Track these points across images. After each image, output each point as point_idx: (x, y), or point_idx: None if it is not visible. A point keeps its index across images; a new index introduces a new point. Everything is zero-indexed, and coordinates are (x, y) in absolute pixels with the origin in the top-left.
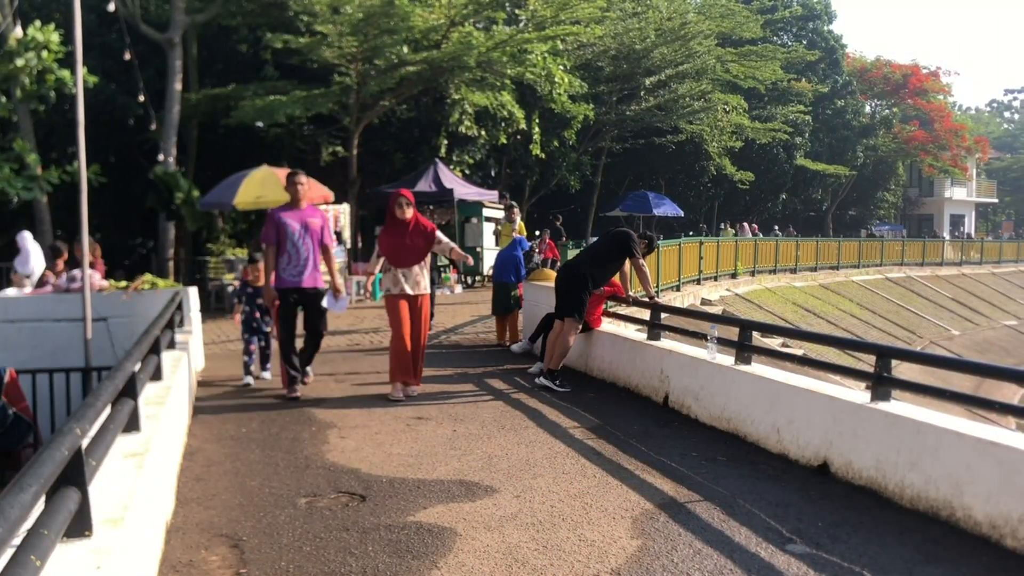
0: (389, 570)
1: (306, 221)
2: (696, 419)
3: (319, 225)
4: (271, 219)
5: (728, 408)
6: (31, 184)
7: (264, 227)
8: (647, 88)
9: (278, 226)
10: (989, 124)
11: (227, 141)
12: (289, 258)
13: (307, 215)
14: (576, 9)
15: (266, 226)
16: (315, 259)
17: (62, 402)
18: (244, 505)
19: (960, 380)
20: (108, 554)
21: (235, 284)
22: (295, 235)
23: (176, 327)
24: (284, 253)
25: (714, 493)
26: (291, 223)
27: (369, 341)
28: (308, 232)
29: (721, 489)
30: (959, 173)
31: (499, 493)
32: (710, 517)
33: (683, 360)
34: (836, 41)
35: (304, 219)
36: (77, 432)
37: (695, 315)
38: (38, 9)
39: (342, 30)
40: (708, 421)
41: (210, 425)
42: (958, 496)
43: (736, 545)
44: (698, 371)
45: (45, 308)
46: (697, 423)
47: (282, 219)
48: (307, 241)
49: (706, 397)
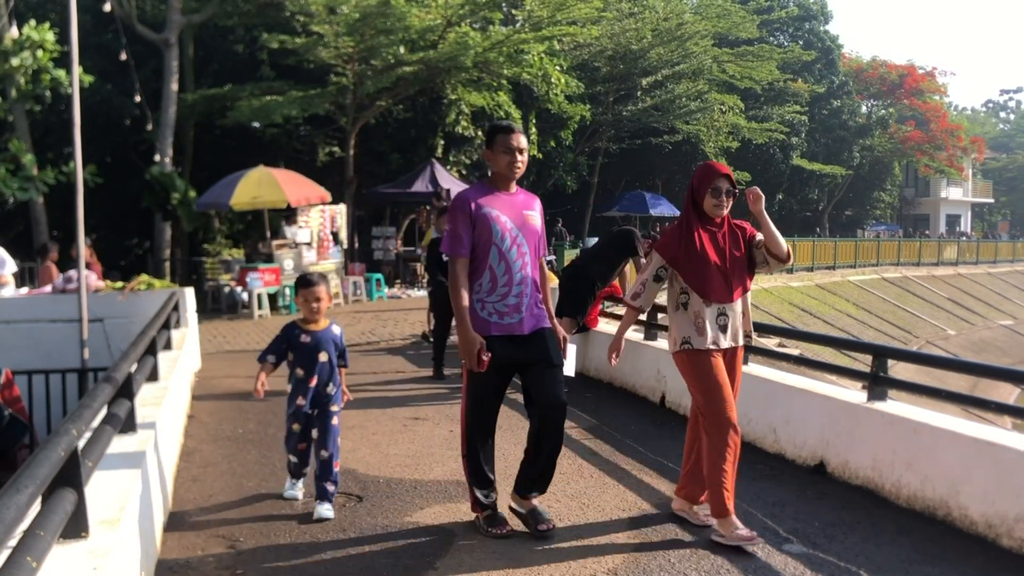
0: (387, 571)
1: (523, 215)
2: None
3: (539, 222)
4: (462, 208)
5: None
6: (27, 185)
7: (449, 222)
8: (643, 88)
9: (476, 221)
10: (985, 124)
11: (223, 141)
12: (493, 281)
13: (523, 204)
14: (572, 9)
15: (452, 222)
16: (535, 281)
17: (58, 403)
18: (241, 506)
19: (956, 380)
20: (104, 555)
21: (231, 285)
22: (505, 239)
23: (172, 328)
24: (483, 271)
25: None
26: (499, 216)
27: (366, 341)
28: (525, 233)
29: None
30: (955, 173)
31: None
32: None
33: None
34: (832, 41)
35: (520, 210)
36: (73, 433)
37: None
38: (34, 9)
39: (338, 30)
40: None
41: (207, 426)
42: (954, 496)
43: (734, 545)
44: None
45: (41, 309)
46: None
47: (484, 209)
48: (523, 249)
49: None
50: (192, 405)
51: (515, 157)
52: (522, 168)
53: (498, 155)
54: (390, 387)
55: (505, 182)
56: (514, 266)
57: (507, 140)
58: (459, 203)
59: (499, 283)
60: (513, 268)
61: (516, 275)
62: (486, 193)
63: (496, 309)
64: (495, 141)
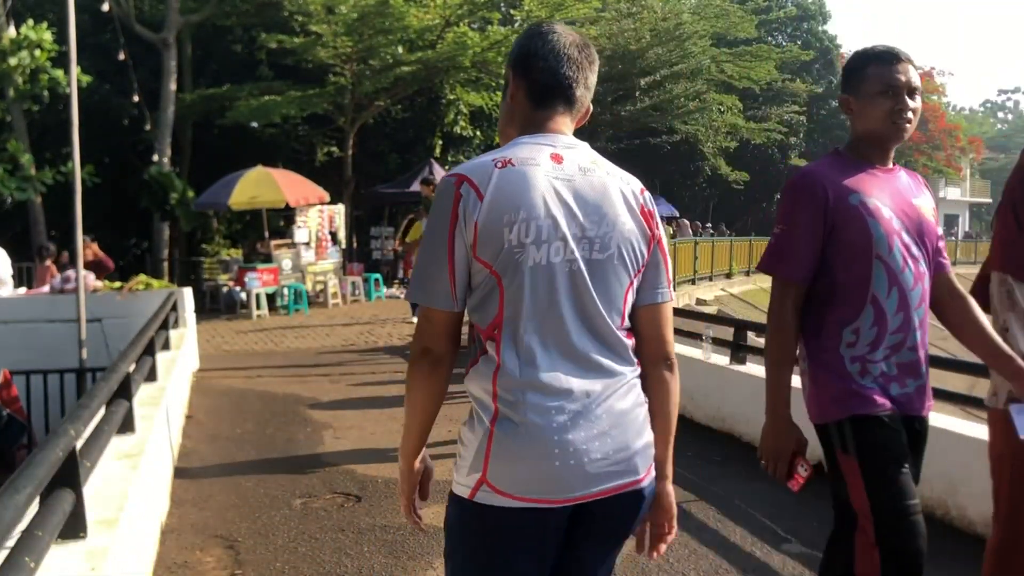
0: (385, 570)
1: (913, 207)
2: (691, 419)
3: (934, 219)
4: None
5: (723, 408)
6: (25, 185)
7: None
8: (642, 88)
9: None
10: (983, 124)
11: (222, 141)
12: (880, 323)
13: (908, 188)
14: (571, 9)
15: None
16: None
17: (56, 403)
18: (239, 506)
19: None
20: (103, 555)
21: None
22: (895, 248)
23: (171, 328)
24: (859, 307)
25: (710, 493)
26: (879, 209)
27: (364, 341)
28: (923, 238)
29: (717, 489)
30: (953, 173)
31: None
32: (706, 517)
33: (678, 360)
34: (831, 42)
35: (907, 199)
36: (71, 433)
37: (690, 315)
38: (31, 8)
39: (337, 30)
40: (704, 421)
41: (205, 426)
42: (952, 495)
43: (732, 545)
44: (693, 371)
45: (39, 309)
46: (692, 423)
47: (853, 197)
48: (920, 266)
49: (701, 397)
50: (190, 405)
51: (903, 103)
52: (913, 125)
53: (872, 100)
54: (389, 387)
55: (882, 150)
56: (911, 296)
57: (887, 74)
58: (803, 185)
59: (889, 325)
60: (910, 299)
61: (914, 312)
62: (849, 170)
63: (884, 372)
64: (865, 77)
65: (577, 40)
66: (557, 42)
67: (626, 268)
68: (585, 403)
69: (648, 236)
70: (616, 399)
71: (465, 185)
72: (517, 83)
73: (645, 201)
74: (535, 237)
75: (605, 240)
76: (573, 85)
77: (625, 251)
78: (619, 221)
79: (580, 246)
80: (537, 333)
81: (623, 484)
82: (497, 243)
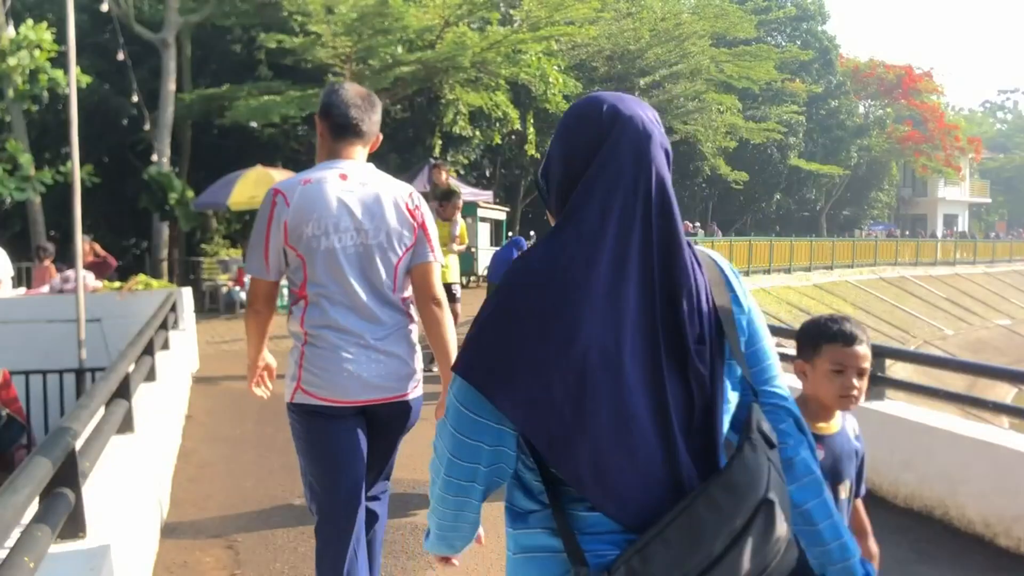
0: (384, 570)
1: None
2: None
3: None
4: None
5: None
6: (24, 185)
7: None
8: (641, 88)
9: None
10: (982, 124)
11: (221, 141)
12: None
13: None
14: (570, 9)
15: None
16: None
17: (56, 403)
18: (238, 506)
19: (954, 379)
20: (102, 556)
21: (229, 285)
22: None
23: (170, 328)
24: None
25: None
26: None
27: None
28: None
29: None
30: (952, 173)
31: None
32: None
33: None
34: (830, 42)
35: None
36: (71, 433)
37: None
38: (30, 8)
39: (336, 30)
40: None
41: (204, 426)
42: (952, 495)
43: None
44: None
45: (39, 309)
46: None
47: None
48: None
49: None
50: (190, 405)
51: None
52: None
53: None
54: None
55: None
56: None
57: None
58: None
59: None
60: None
61: None
62: None
63: None
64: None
65: (362, 91)
66: (346, 94)
67: (394, 249)
68: (366, 340)
69: (412, 225)
70: (390, 342)
71: (279, 196)
72: (322, 125)
73: (410, 201)
74: (324, 230)
75: (376, 231)
76: (359, 123)
77: (394, 237)
78: (387, 217)
79: (360, 235)
80: (328, 294)
81: (391, 396)
82: (300, 235)
